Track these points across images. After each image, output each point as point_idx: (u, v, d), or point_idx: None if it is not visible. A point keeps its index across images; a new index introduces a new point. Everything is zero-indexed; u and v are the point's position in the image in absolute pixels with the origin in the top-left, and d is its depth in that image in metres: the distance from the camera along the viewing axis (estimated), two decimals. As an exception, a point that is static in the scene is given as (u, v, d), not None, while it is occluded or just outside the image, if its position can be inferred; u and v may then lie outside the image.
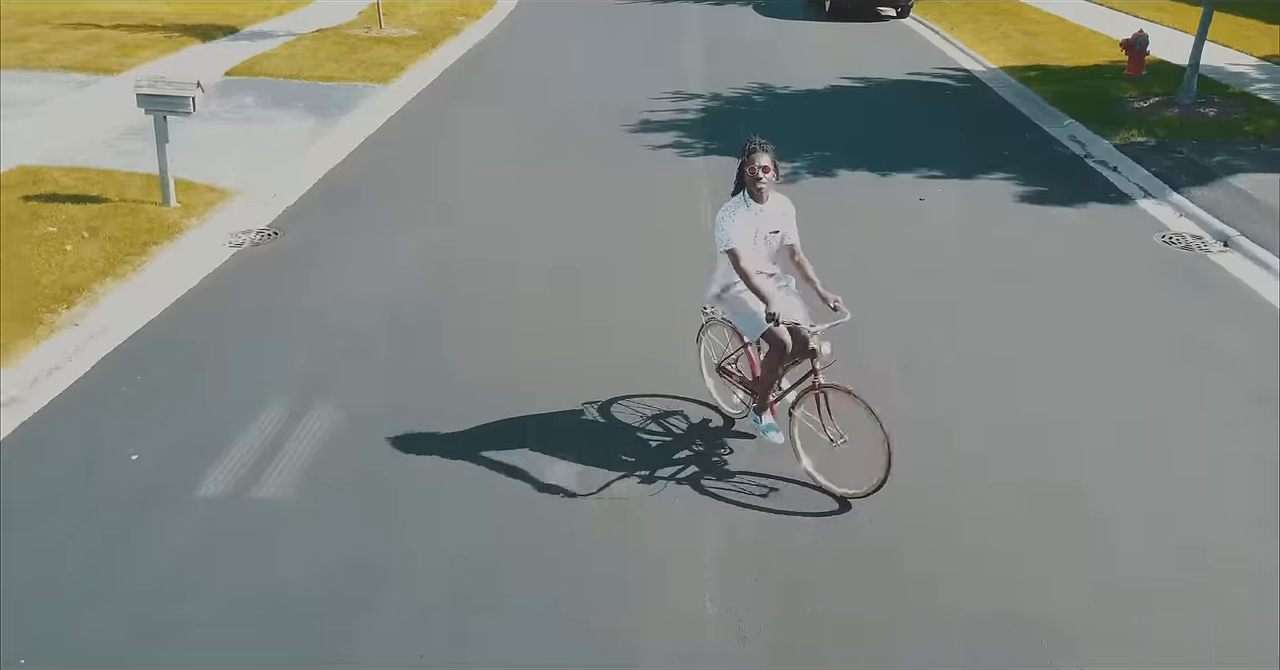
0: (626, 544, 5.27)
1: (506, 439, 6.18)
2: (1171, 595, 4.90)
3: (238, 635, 4.64)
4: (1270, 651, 4.54)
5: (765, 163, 5.72)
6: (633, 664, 4.50)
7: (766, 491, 5.69)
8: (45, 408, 6.58)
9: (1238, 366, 7.15)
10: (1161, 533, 5.37)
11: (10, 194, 10.09)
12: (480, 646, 4.60)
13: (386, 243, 9.40)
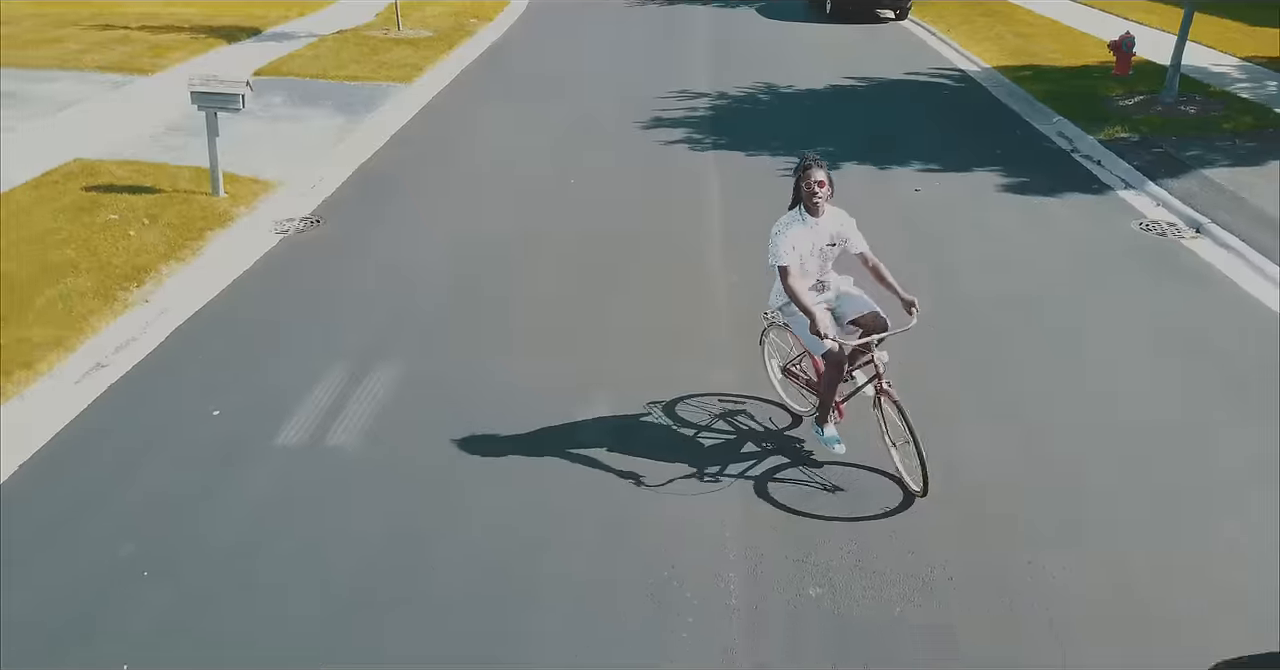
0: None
1: (542, 390, 6.94)
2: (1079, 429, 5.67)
3: (312, 558, 5.41)
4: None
5: (820, 178, 5.91)
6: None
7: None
8: (129, 372, 7.35)
9: (1196, 332, 7.91)
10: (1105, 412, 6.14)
11: (71, 184, 10.87)
12: (529, 588, 5.36)
13: (420, 229, 10.17)
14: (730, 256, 9.42)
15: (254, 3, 24.30)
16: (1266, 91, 15.15)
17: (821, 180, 5.90)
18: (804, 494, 5.96)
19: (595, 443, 6.45)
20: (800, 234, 5.92)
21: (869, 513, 5.80)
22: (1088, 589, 5.19)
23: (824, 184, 5.90)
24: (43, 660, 4.73)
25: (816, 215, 5.95)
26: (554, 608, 5.07)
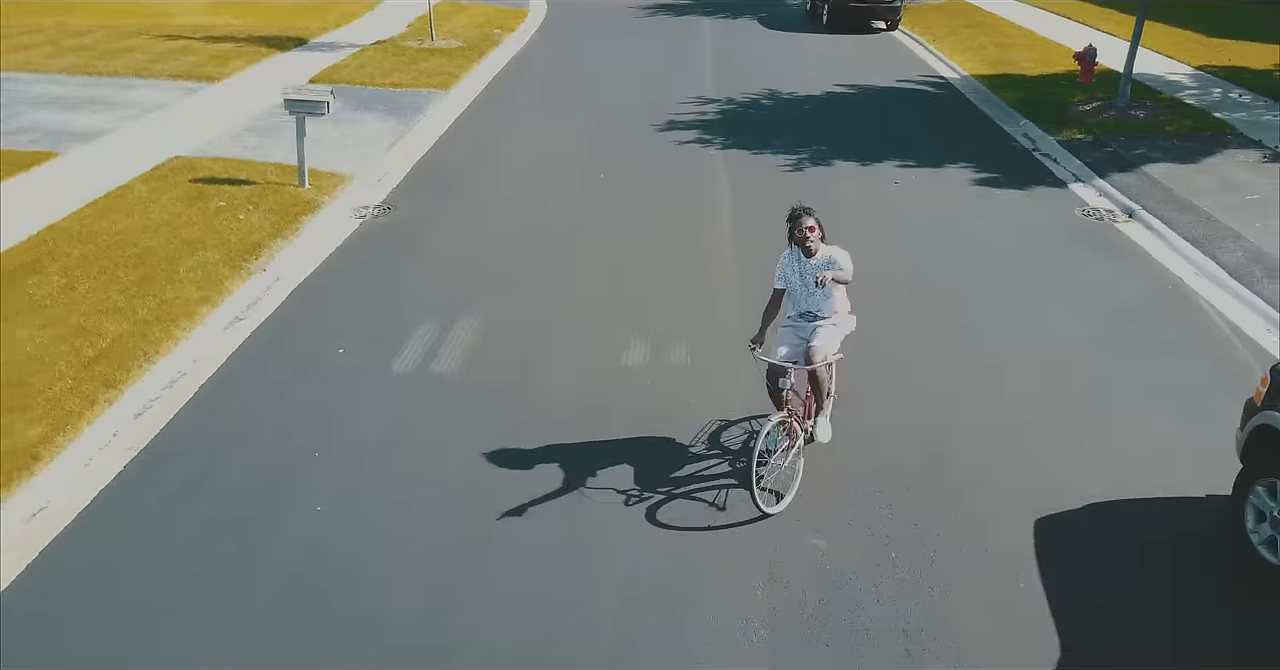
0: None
1: (598, 329, 8.87)
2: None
3: (428, 456, 7.35)
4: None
5: (810, 224, 6.55)
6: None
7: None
8: (262, 322, 9.28)
9: (1110, 289, 9.86)
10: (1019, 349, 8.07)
11: (178, 177, 12.82)
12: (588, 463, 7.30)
13: (476, 212, 12.12)
14: (738, 236, 11.34)
15: (294, 14, 26.31)
16: (1210, 98, 17.08)
17: (812, 225, 6.58)
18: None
19: (636, 364, 8.38)
20: (794, 269, 6.75)
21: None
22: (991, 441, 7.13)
23: (814, 228, 6.59)
24: (256, 509, 6.65)
25: (810, 256, 6.66)
26: (613, 451, 6.98)
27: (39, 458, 6.99)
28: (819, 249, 6.63)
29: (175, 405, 7.86)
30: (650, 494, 6.75)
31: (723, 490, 6.80)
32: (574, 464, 7.08)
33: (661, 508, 6.63)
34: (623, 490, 6.79)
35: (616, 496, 6.73)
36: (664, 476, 6.95)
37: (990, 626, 5.64)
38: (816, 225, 6.58)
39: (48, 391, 7.77)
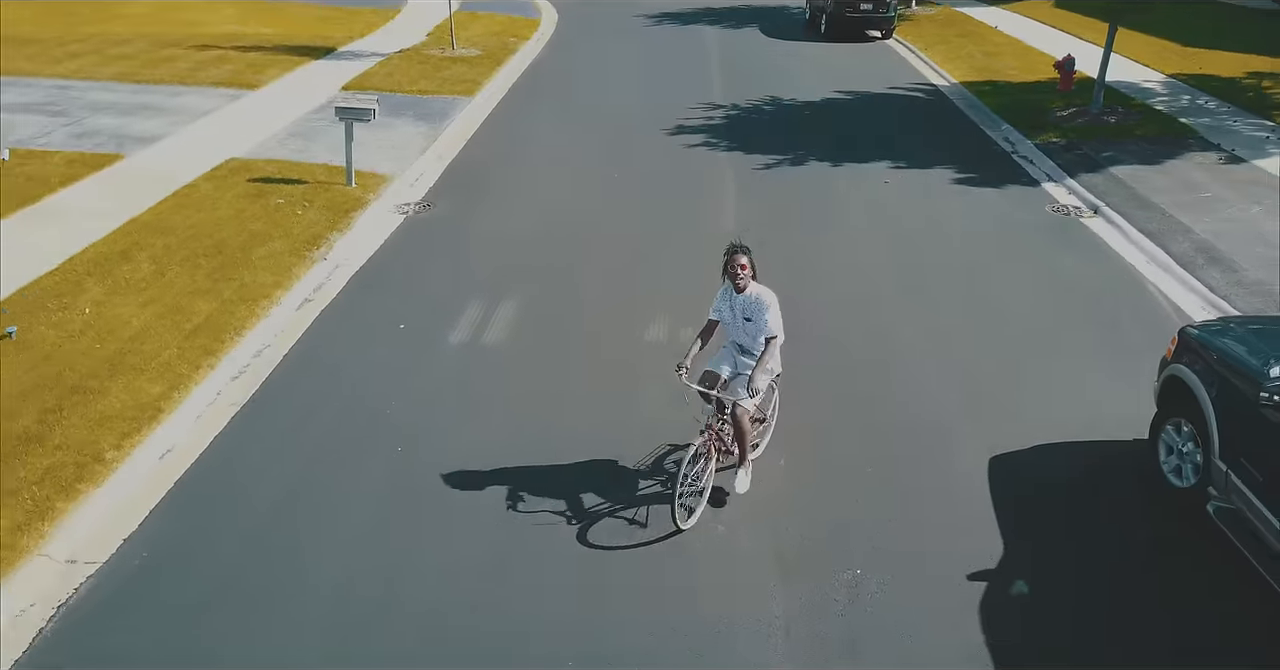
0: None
1: (622, 303, 10.23)
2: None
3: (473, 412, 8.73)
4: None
5: (744, 262, 6.86)
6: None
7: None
8: (330, 302, 10.65)
9: (1069, 275, 11.22)
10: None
11: (236, 177, 14.20)
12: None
13: (508, 207, 13.49)
14: (742, 227, 12.69)
15: (318, 24, 27.72)
16: (1178, 104, 18.46)
17: (744, 264, 6.89)
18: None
19: (654, 338, 9.75)
20: (726, 303, 7.15)
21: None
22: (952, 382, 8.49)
23: (746, 267, 6.88)
24: (345, 450, 8.00)
25: (740, 292, 7.00)
26: (640, 404, 8.34)
27: (162, 410, 8.37)
28: (749, 286, 6.94)
29: (265, 371, 9.23)
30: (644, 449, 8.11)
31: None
32: (606, 410, 8.44)
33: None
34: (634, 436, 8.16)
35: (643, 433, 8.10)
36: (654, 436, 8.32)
37: (950, 518, 7.00)
38: (749, 264, 6.90)
39: (159, 358, 9.14)
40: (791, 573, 6.64)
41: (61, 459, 7.61)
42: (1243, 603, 6.33)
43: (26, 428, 7.99)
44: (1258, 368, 6.41)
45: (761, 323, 6.95)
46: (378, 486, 7.56)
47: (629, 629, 6.16)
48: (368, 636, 6.10)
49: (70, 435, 7.92)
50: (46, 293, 10.33)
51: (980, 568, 6.65)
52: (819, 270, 11.40)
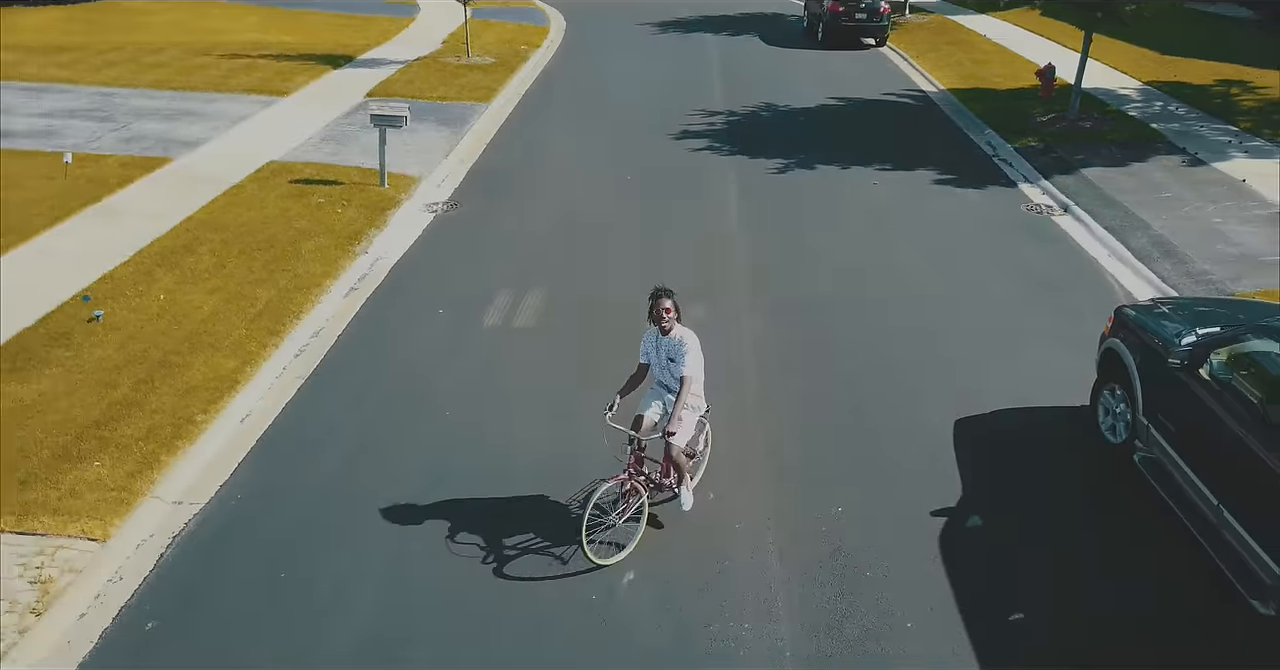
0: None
1: (633, 284, 11.46)
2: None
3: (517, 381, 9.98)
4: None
5: (668, 306, 7.13)
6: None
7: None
8: (373, 293, 11.89)
9: (1036, 266, 12.47)
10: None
11: (278, 179, 15.46)
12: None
13: (529, 206, 14.74)
14: (742, 224, 13.97)
15: (336, 31, 28.98)
16: (1151, 110, 19.71)
17: (669, 307, 7.19)
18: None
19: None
20: (652, 344, 7.49)
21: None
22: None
23: (670, 310, 7.19)
24: (401, 414, 9.25)
25: (665, 334, 7.31)
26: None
27: (238, 381, 9.63)
28: (674, 329, 7.29)
29: (323, 349, 10.49)
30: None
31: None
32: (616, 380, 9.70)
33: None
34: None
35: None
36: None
37: (919, 467, 8.25)
38: (673, 307, 7.21)
39: (230, 338, 10.40)
40: (786, 512, 7.90)
41: (160, 421, 8.87)
42: (1153, 528, 7.58)
43: (125, 395, 9.25)
44: (1170, 338, 7.67)
45: (681, 360, 7.25)
46: (429, 443, 8.81)
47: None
48: (424, 565, 7.35)
49: (164, 401, 9.18)
50: (123, 281, 11.59)
51: (943, 506, 7.90)
52: (811, 261, 12.66)
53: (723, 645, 6.58)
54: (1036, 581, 7.17)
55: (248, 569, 7.27)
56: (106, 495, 7.83)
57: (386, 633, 6.68)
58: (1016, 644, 6.61)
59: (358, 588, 7.09)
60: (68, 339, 10.21)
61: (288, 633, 6.65)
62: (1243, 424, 6.69)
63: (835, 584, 7.13)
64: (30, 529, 7.41)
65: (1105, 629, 6.71)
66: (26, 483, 7.91)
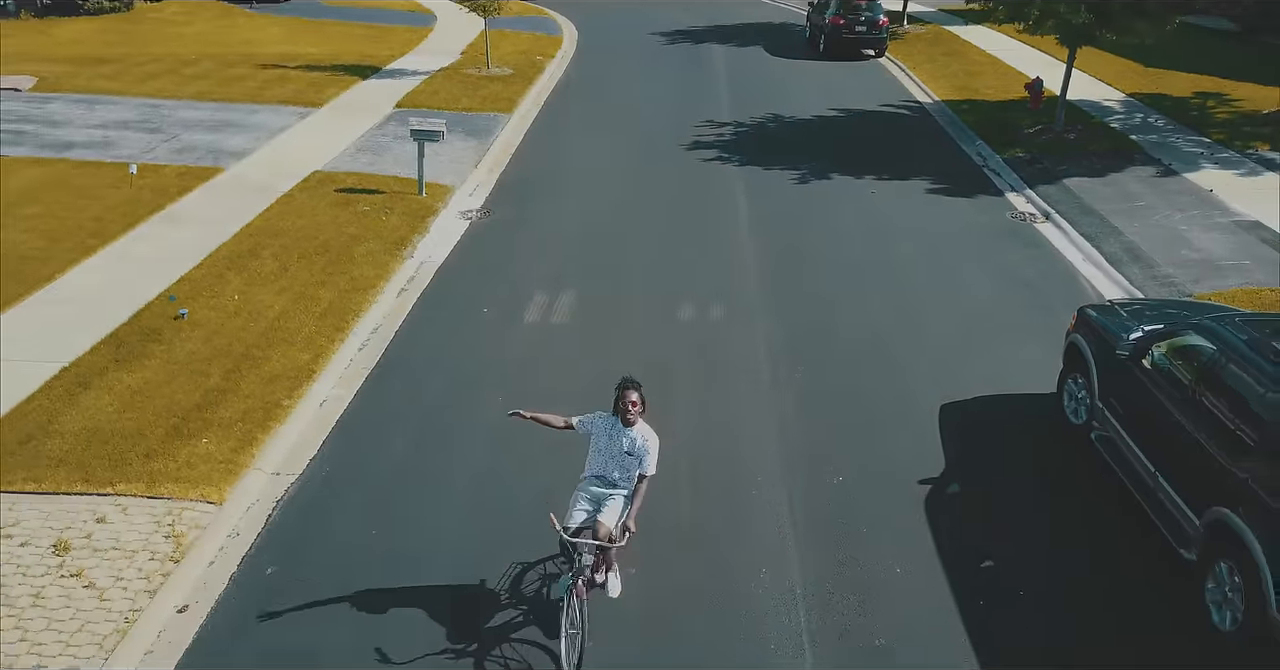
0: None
1: (658, 289, 12.84)
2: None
3: (556, 371, 11.35)
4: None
5: (634, 399, 6.98)
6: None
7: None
8: (422, 293, 13.26)
9: (1017, 268, 13.85)
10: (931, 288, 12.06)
11: (324, 188, 16.83)
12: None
13: (556, 211, 16.13)
14: (751, 229, 15.33)
15: (359, 42, 30.35)
16: (1131, 121, 21.07)
17: (635, 400, 7.03)
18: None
19: (687, 317, 12.36)
20: (604, 430, 7.21)
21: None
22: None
23: (636, 404, 7.03)
24: (460, 399, 10.62)
25: (627, 426, 7.12)
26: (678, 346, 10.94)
27: (313, 371, 10.99)
28: (637, 422, 7.15)
29: (383, 344, 11.86)
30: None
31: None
32: (647, 368, 11.07)
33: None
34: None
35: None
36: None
37: (908, 444, 9.61)
38: (639, 400, 7.09)
39: (301, 333, 11.77)
40: (794, 480, 9.26)
41: (251, 405, 10.24)
42: (1107, 495, 8.94)
43: (218, 383, 10.62)
44: (1120, 334, 9.03)
45: (645, 461, 7.14)
46: (486, 421, 10.16)
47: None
48: (493, 524, 8.71)
49: (252, 389, 10.55)
50: (199, 283, 12.96)
51: (928, 475, 9.28)
52: (814, 262, 14.04)
53: (743, 585, 7.95)
54: (1006, 534, 8.53)
55: (343, 526, 8.64)
56: (216, 467, 9.20)
57: (460, 572, 8.04)
58: (990, 585, 7.97)
59: (435, 543, 8.45)
60: (159, 335, 11.58)
61: (382, 575, 8.01)
62: (1175, 404, 8.05)
63: (839, 530, 8.50)
64: (159, 494, 8.78)
65: (1063, 565, 8.08)
66: (149, 456, 9.28)
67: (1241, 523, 6.93)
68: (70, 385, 10.43)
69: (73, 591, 7.65)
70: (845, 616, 7.63)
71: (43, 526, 8.34)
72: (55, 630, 7.29)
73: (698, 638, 7.42)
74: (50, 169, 17.25)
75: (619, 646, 7.30)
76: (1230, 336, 7.80)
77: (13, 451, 9.27)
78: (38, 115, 20.77)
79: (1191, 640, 7.37)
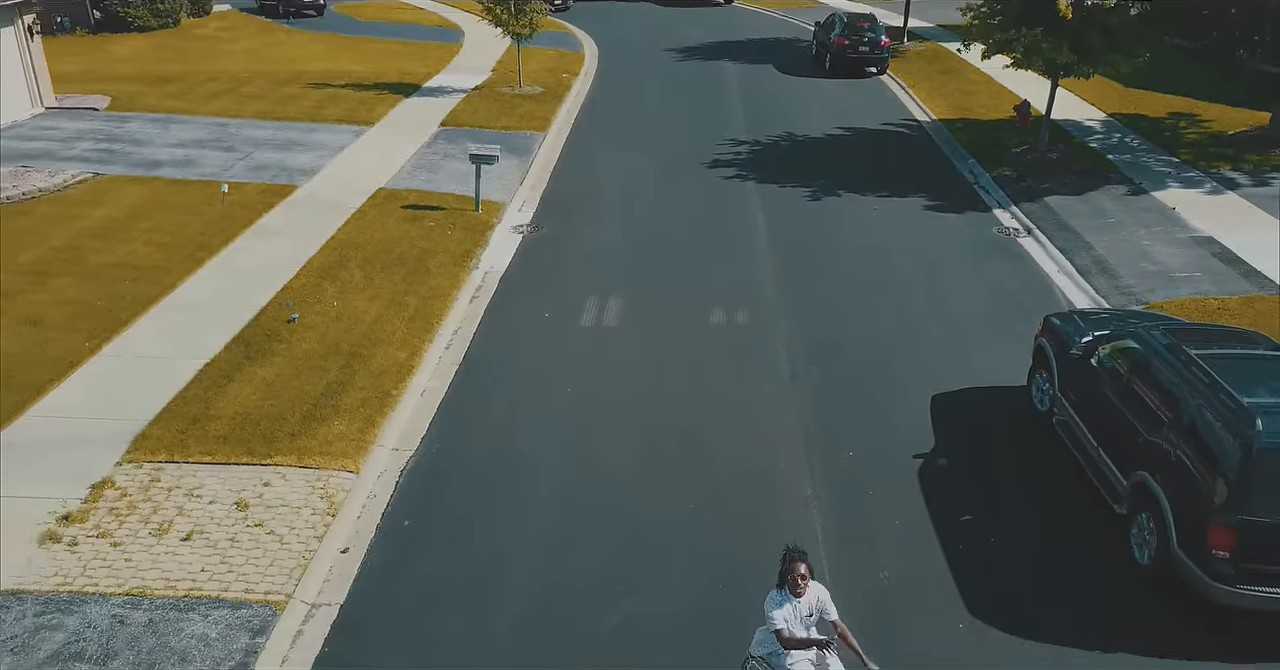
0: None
1: (691, 288, 15.07)
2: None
3: (606, 370, 13.60)
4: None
5: (803, 571, 7.09)
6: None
7: None
8: (490, 300, 15.50)
9: (1000, 279, 16.08)
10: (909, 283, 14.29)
11: (392, 204, 19.05)
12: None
13: (598, 226, 18.37)
14: (770, 240, 17.57)
15: (397, 59, 32.52)
16: (1109, 141, 23.28)
17: (804, 573, 7.18)
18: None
19: (718, 322, 14.60)
20: (786, 610, 7.24)
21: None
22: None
23: (806, 577, 7.20)
24: (535, 388, 12.86)
25: (799, 597, 7.23)
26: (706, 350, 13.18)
27: (412, 367, 13.22)
28: (807, 588, 7.28)
29: (464, 343, 14.10)
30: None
31: None
32: (687, 362, 13.33)
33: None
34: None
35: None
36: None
37: (905, 427, 11.84)
38: (808, 571, 7.23)
39: (395, 335, 14.00)
40: (813, 454, 11.51)
41: (366, 394, 12.48)
42: (1064, 465, 11.18)
43: (335, 377, 12.85)
44: (1075, 337, 11.29)
45: (829, 610, 7.40)
46: (562, 404, 12.41)
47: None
48: (582, 487, 10.95)
49: (364, 381, 12.78)
50: (301, 291, 15.19)
51: (921, 451, 11.54)
52: (823, 269, 16.26)
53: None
54: (982, 496, 10.77)
55: (455, 489, 10.88)
56: (349, 444, 11.44)
57: (559, 526, 10.28)
58: (969, 533, 10.21)
59: (533, 505, 10.69)
60: (277, 336, 13.81)
61: (490, 525, 10.24)
62: (1114, 393, 10.29)
63: (851, 493, 10.75)
64: (308, 464, 11.02)
65: (1026, 520, 10.31)
66: (294, 435, 11.52)
67: (1156, 483, 9.17)
68: (216, 378, 12.67)
69: (259, 537, 9.90)
70: (857, 557, 9.87)
71: (223, 489, 10.59)
72: (253, 565, 9.54)
73: (738, 587, 9.66)
74: (148, 187, 19.48)
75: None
76: (1154, 341, 10.05)
77: (184, 431, 11.52)
78: (120, 134, 23.02)
79: (1122, 571, 9.62)
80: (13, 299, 14.51)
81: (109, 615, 8.80)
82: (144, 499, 10.36)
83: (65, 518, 10.02)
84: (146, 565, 9.46)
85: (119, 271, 15.60)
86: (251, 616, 8.88)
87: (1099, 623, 9.00)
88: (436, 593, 9.38)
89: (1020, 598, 9.33)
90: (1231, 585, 8.34)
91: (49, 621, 8.71)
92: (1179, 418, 9.20)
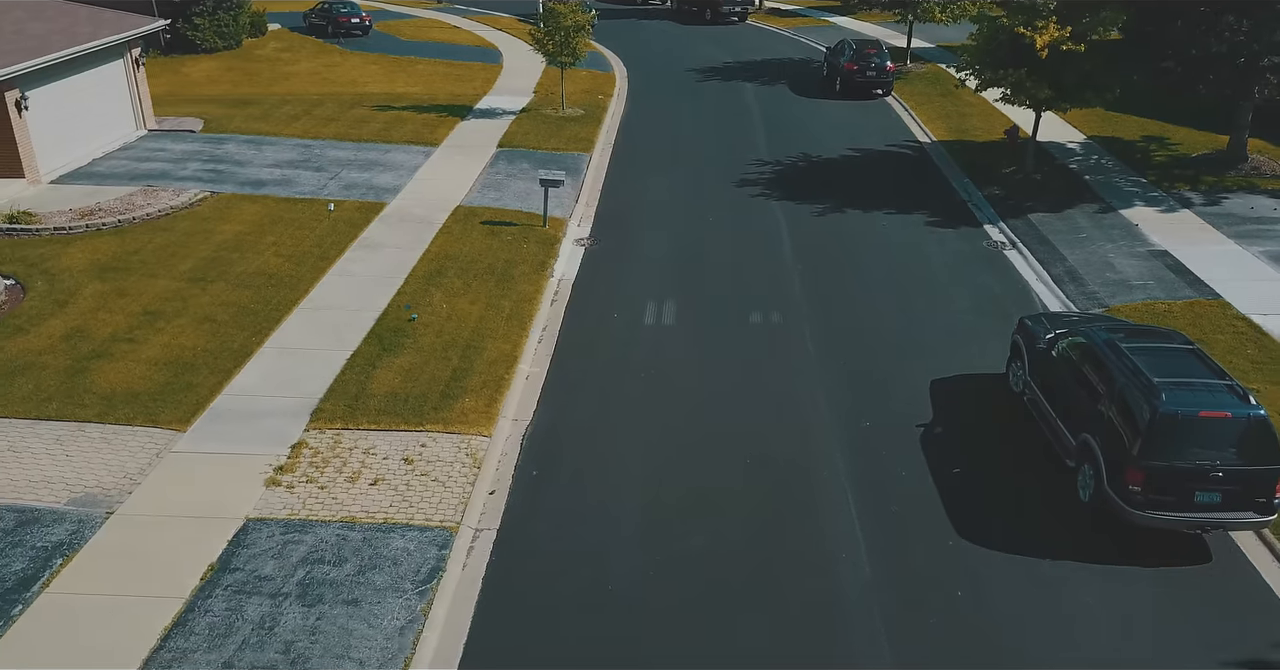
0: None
1: (733, 290, 18.38)
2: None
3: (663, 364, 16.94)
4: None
5: None
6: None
7: None
8: (566, 302, 18.81)
9: (986, 287, 19.39)
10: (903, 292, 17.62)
11: (472, 220, 22.37)
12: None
13: (648, 239, 21.70)
14: (795, 251, 20.89)
15: (446, 81, 35.76)
16: (1088, 163, 26.58)
17: None
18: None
19: (755, 321, 17.96)
20: None
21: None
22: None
23: None
24: (618, 377, 16.18)
25: None
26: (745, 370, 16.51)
27: (515, 357, 16.54)
28: None
29: (553, 338, 17.42)
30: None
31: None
32: (737, 357, 16.67)
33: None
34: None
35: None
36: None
37: (909, 405, 15.16)
38: None
39: (498, 331, 17.31)
40: (837, 425, 14.83)
41: (485, 378, 15.79)
42: (1032, 432, 14.50)
43: (458, 365, 16.16)
44: (1041, 334, 14.65)
45: None
46: (640, 388, 15.74)
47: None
48: (657, 444, 14.27)
49: (481, 368, 16.09)
50: (412, 296, 18.50)
51: (923, 422, 14.87)
52: (840, 278, 19.58)
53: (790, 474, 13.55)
54: (969, 454, 14.10)
55: (568, 448, 14.22)
56: (480, 415, 14.76)
57: (649, 470, 13.60)
58: (960, 484, 13.53)
59: (628, 458, 14.02)
60: (402, 332, 17.13)
61: (599, 473, 13.58)
62: (1068, 376, 13.62)
63: (867, 453, 14.08)
64: (452, 431, 14.35)
65: (1003, 472, 13.63)
66: (436, 409, 14.84)
67: (1095, 442, 12.51)
68: (363, 365, 16.00)
69: (426, 483, 13.24)
70: (875, 499, 13.21)
71: (391, 449, 13.92)
72: (427, 502, 12.86)
73: (776, 527, 12.96)
74: (262, 204, 22.79)
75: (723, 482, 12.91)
76: (1097, 337, 13.42)
77: (350, 405, 14.84)
78: (221, 155, 26.32)
79: (1071, 506, 12.97)
80: (186, 302, 17.84)
81: (333, 535, 12.15)
82: (333, 455, 13.70)
83: (280, 469, 13.36)
84: (349, 502, 12.81)
85: (260, 279, 18.92)
86: (435, 536, 12.22)
87: (1054, 541, 12.36)
88: (566, 520, 12.73)
89: (998, 525, 12.69)
90: (1142, 511, 11.68)
91: (292, 539, 12.06)
92: (1111, 393, 12.53)
